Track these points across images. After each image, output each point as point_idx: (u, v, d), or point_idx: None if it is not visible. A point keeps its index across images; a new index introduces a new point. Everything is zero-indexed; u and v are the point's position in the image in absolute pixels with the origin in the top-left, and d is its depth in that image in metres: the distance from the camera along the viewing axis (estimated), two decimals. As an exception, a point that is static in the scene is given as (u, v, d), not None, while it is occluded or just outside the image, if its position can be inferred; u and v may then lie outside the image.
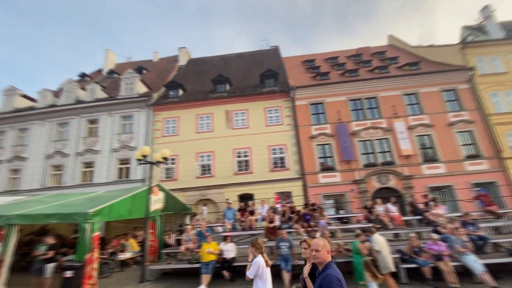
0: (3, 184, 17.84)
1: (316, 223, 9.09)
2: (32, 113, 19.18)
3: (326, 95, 17.40)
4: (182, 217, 12.63)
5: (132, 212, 9.10)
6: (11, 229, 7.49)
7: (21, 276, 8.04)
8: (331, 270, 2.16)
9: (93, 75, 26.16)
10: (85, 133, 18.26)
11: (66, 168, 17.54)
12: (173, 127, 17.80)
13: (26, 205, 8.97)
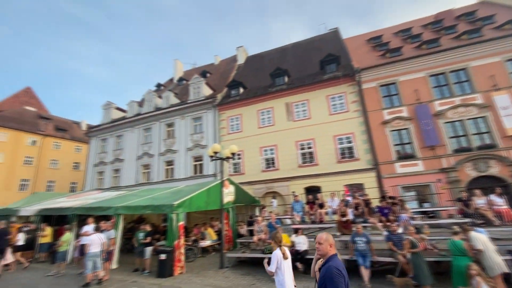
0: (108, 181, 21.96)
1: (397, 218, 8.15)
2: (124, 122, 22.91)
3: (399, 74, 15.35)
4: (252, 209, 13.16)
5: (208, 203, 9.92)
6: (118, 218, 9.12)
7: (127, 256, 9.72)
8: (333, 262, 2.25)
9: (167, 84, 29.56)
10: (165, 135, 20.82)
11: (153, 166, 20.40)
12: (236, 124, 18.64)
13: (126, 199, 10.77)
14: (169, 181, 18.85)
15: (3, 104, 35.79)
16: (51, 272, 8.06)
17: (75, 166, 35.09)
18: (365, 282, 5.91)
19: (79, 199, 12.74)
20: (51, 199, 13.80)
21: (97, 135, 24.48)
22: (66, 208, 10.62)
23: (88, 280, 6.73)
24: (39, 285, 7.13)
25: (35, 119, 34.74)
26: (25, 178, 30.66)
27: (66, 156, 34.72)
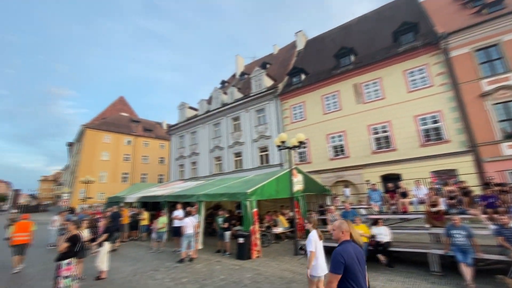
0: (188, 173, 24.71)
1: (508, 208, 6.64)
2: (196, 119, 25.22)
3: (503, 32, 12.25)
4: (322, 198, 12.79)
5: (278, 192, 10.09)
6: (200, 204, 10.16)
7: (208, 239, 10.79)
8: (340, 246, 2.46)
9: (230, 80, 31.07)
10: (232, 129, 22.04)
11: (223, 158, 21.95)
12: (300, 112, 18.26)
13: (205, 187, 11.88)
14: (238, 172, 19.97)
15: (105, 113, 43.96)
16: (152, 249, 9.61)
17: (161, 161, 40.74)
18: (468, 281, 5.05)
19: (167, 188, 14.71)
20: (146, 188, 16.37)
21: (175, 132, 27.73)
22: (159, 196, 12.44)
23: (182, 257, 7.77)
24: (145, 258, 8.59)
25: (128, 122, 41.56)
26: (125, 172, 37.24)
27: (153, 152, 40.60)
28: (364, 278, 2.40)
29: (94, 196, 30.05)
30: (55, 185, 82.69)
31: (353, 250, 2.42)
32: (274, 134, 18.67)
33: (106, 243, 6.57)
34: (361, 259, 2.45)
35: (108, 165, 35.63)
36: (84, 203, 20.98)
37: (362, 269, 2.40)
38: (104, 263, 6.40)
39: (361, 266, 2.41)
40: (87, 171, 31.72)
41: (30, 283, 6.17)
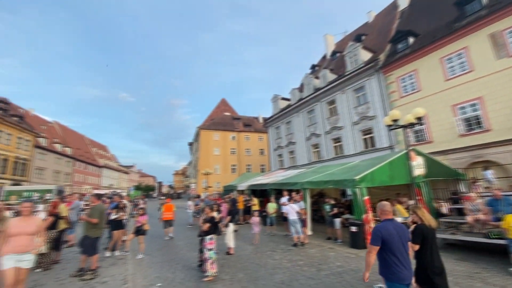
0: (287, 162, 25.53)
1: None
2: (289, 109, 25.55)
3: None
4: (454, 184, 10.48)
5: (393, 178, 8.97)
6: (305, 192, 10.30)
7: (317, 226, 10.82)
8: (379, 224, 2.95)
9: (320, 62, 29.69)
10: (327, 114, 21.10)
11: (321, 145, 21.40)
12: (411, 84, 15.43)
13: (307, 175, 11.94)
14: (339, 158, 19.00)
15: (212, 114, 50.82)
16: (266, 232, 10.52)
17: (261, 152, 43.92)
18: None
19: (271, 177, 15.69)
20: (253, 177, 18.01)
21: (271, 124, 29.08)
22: (265, 184, 13.43)
23: (296, 241, 8.15)
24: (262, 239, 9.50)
25: (231, 120, 46.67)
26: (233, 164, 42.23)
27: (254, 145, 44.22)
28: (404, 253, 2.79)
29: (213, 185, 35.67)
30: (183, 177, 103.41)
31: (394, 228, 2.85)
32: (379, 114, 16.60)
33: (231, 224, 7.67)
34: (403, 236, 2.85)
35: (220, 159, 41.43)
36: (206, 191, 25.24)
37: (403, 245, 2.81)
38: (231, 241, 7.50)
39: (403, 242, 2.81)
40: (205, 164, 37.99)
41: (182, 252, 7.95)
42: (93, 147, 67.72)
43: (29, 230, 3.92)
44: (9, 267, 3.70)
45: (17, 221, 4.01)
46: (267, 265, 6.36)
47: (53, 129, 51.74)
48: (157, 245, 9.14)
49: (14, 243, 3.78)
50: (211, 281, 5.26)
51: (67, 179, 47.47)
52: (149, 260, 7.09)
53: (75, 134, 62.32)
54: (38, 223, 4.14)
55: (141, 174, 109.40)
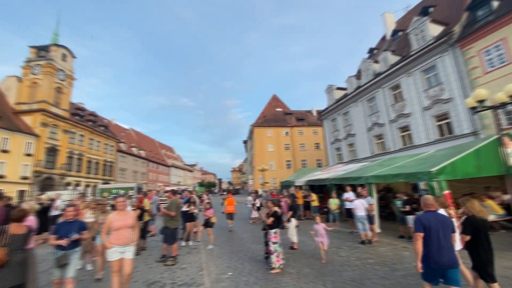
0: (346, 155, 24.17)
1: None
2: (346, 99, 24.06)
3: None
4: None
5: (481, 169, 7.66)
6: (370, 186, 9.60)
7: (385, 223, 9.98)
8: (421, 214, 3.41)
9: (379, 45, 27.07)
10: (391, 100, 19.15)
11: (386, 135, 19.57)
12: (498, 56, 12.85)
13: (372, 169, 11.10)
14: (408, 149, 17.09)
15: (264, 111, 51.50)
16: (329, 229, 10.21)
17: (316, 146, 42.63)
18: None
19: (330, 172, 15.10)
20: (310, 173, 17.65)
21: (326, 117, 27.90)
22: (325, 179, 13.00)
23: (363, 238, 7.70)
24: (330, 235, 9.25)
25: (283, 116, 46.54)
26: (288, 160, 42.11)
27: (308, 139, 43.21)
28: (443, 241, 3.08)
29: (269, 181, 36.28)
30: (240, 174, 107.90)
31: (434, 218, 3.21)
32: (457, 95, 14.32)
33: (293, 219, 7.69)
34: (443, 226, 3.16)
35: (274, 155, 41.83)
36: (263, 187, 25.84)
37: (443, 234, 3.11)
38: (294, 236, 7.52)
39: (444, 231, 3.13)
40: (260, 161, 38.89)
41: (247, 245, 8.33)
42: (162, 149, 76.26)
43: (128, 223, 4.20)
44: (115, 258, 4.04)
45: (116, 215, 4.25)
46: (333, 261, 6.18)
47: (130, 135, 60.10)
48: (224, 236, 9.79)
49: (117, 236, 4.07)
50: (278, 273, 5.39)
51: (143, 178, 54.59)
52: (218, 250, 7.65)
53: (147, 138, 71.16)
54: (134, 217, 4.45)
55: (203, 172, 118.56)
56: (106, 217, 4.35)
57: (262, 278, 5.24)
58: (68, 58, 39.37)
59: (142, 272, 5.77)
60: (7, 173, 29.03)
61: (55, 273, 3.99)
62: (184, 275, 5.51)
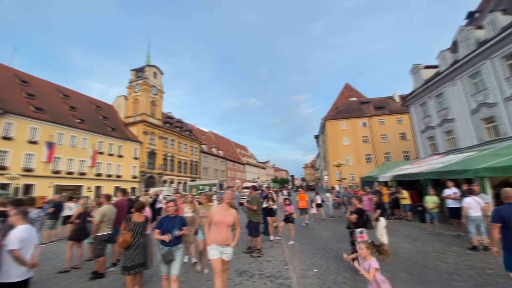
0: (443, 145, 20.40)
1: None
2: (439, 78, 20.24)
3: None
4: None
5: None
6: (482, 181, 7.82)
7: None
8: (501, 206, 3.55)
9: (482, 6, 21.71)
10: (506, 73, 15.08)
11: (499, 118, 15.57)
12: None
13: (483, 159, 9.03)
14: (537, 132, 13.12)
15: (336, 103, 48.67)
16: (426, 230, 8.82)
17: (402, 136, 37.59)
18: None
19: (423, 165, 13.06)
20: (397, 167, 15.69)
21: (413, 102, 24.17)
22: (416, 174, 11.31)
23: (476, 244, 6.34)
24: (421, 237, 8.06)
25: (358, 105, 42.92)
26: (367, 153, 38.62)
27: (391, 129, 38.48)
28: None
29: (346, 177, 34.08)
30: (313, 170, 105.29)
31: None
32: None
33: (382, 218, 6.96)
34: None
35: (350, 149, 38.97)
36: (341, 183, 24.41)
37: None
38: (383, 236, 6.79)
39: None
40: (335, 156, 36.90)
41: (330, 243, 8.01)
42: (237, 148, 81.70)
43: (227, 221, 3.91)
44: (215, 257, 3.80)
45: (219, 208, 4.06)
46: (437, 268, 5.30)
47: (209, 137, 66.61)
48: (302, 232, 9.70)
49: (216, 234, 3.87)
50: (369, 276, 4.96)
51: (223, 175, 59.71)
52: (300, 246, 7.63)
53: (223, 139, 77.43)
54: (236, 216, 4.07)
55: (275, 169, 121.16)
56: (209, 210, 4.24)
57: (351, 278, 4.94)
58: (158, 75, 46.55)
59: (232, 262, 6.27)
60: (122, 173, 36.49)
61: (162, 269, 4.01)
62: (270, 267, 5.70)
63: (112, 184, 33.69)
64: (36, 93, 30.18)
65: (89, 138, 32.42)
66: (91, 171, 32.10)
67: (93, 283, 5.14)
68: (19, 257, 3.10)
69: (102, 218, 5.57)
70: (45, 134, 27.45)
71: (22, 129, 25.69)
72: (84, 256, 6.56)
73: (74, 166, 30.28)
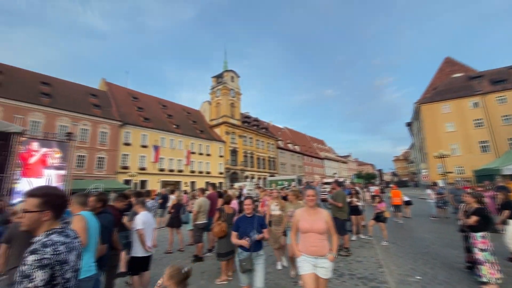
0: None
1: None
2: None
3: None
4: None
5: None
6: None
7: None
8: None
9: None
10: None
11: None
12: None
13: None
14: None
15: (433, 82, 40.95)
16: None
17: (535, 116, 28.56)
18: None
19: None
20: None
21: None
22: None
23: None
24: None
25: (465, 82, 34.92)
26: (483, 140, 30.99)
27: (517, 107, 29.71)
28: None
29: (452, 170, 28.26)
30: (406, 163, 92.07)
31: None
32: None
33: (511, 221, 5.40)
34: None
35: (457, 136, 32.02)
36: (445, 178, 20.36)
37: None
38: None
39: None
40: (435, 146, 31.07)
41: (434, 247, 6.74)
42: (313, 142, 79.49)
43: (318, 227, 2.95)
44: (307, 272, 2.89)
45: (304, 212, 3.13)
46: None
47: (285, 133, 67.15)
48: (397, 233, 8.54)
49: (305, 242, 3.00)
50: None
51: (300, 171, 59.20)
52: (396, 248, 6.71)
53: (299, 134, 76.65)
54: (328, 219, 3.04)
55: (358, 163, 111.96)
56: (295, 211, 3.34)
57: (471, 293, 3.99)
58: (235, 78, 49.89)
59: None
60: (211, 169, 40.91)
61: (242, 279, 3.40)
62: (362, 268, 5.22)
63: (204, 179, 38.25)
64: (143, 106, 37.17)
65: (183, 141, 37.74)
66: (186, 169, 37.31)
67: (194, 265, 5.89)
68: (142, 235, 3.98)
69: (199, 209, 6.34)
70: (152, 139, 33.52)
71: (136, 136, 32.10)
72: (185, 241, 7.61)
73: (174, 165, 35.82)
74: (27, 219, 1.44)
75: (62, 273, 1.38)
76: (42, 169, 11.95)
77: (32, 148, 11.95)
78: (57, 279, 1.35)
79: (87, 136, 27.24)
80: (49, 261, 1.33)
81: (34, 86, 26.60)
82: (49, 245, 1.37)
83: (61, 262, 1.38)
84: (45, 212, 1.46)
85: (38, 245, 1.36)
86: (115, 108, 31.96)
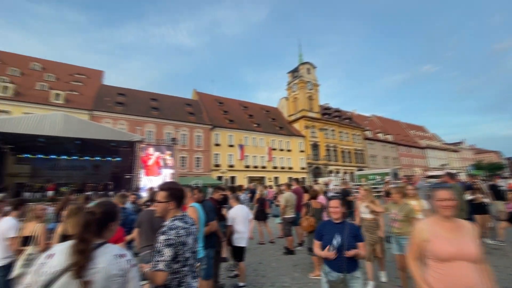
0: None
1: None
2: None
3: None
4: None
5: None
6: None
7: None
8: None
9: None
10: None
11: None
12: None
13: None
14: None
15: None
16: None
17: None
18: None
19: None
20: None
21: None
22: None
23: None
24: None
25: None
26: None
27: None
28: None
29: None
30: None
31: None
32: None
33: None
34: None
35: None
36: None
37: None
38: None
39: None
40: None
41: None
42: (410, 130, 68.68)
43: (469, 252, 1.70)
44: None
45: (438, 228, 1.82)
46: None
47: (373, 122, 60.51)
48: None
49: (450, 278, 1.69)
50: None
51: (395, 163, 52.15)
52: (548, 260, 5.02)
53: (391, 122, 67.67)
54: (476, 236, 1.79)
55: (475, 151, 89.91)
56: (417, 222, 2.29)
57: None
58: (311, 70, 48.33)
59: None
60: (292, 165, 41.07)
61: None
62: (495, 281, 4.13)
63: (286, 175, 38.84)
64: (227, 109, 40.74)
65: (264, 138, 39.36)
66: (269, 165, 38.75)
67: (286, 257, 6.00)
68: (232, 231, 4.36)
69: (286, 203, 6.43)
70: (237, 139, 36.45)
71: (224, 137, 35.60)
72: (274, 233, 7.86)
73: (257, 161, 37.84)
74: (159, 207, 1.83)
75: (183, 253, 1.69)
76: (158, 169, 14.65)
77: (149, 152, 14.93)
78: (179, 257, 1.67)
79: (186, 140, 32.12)
80: (173, 241, 1.64)
81: (146, 102, 33.26)
82: (174, 229, 1.69)
83: (182, 243, 1.68)
84: (170, 202, 1.82)
85: (166, 228, 1.71)
86: (205, 114, 36.33)
